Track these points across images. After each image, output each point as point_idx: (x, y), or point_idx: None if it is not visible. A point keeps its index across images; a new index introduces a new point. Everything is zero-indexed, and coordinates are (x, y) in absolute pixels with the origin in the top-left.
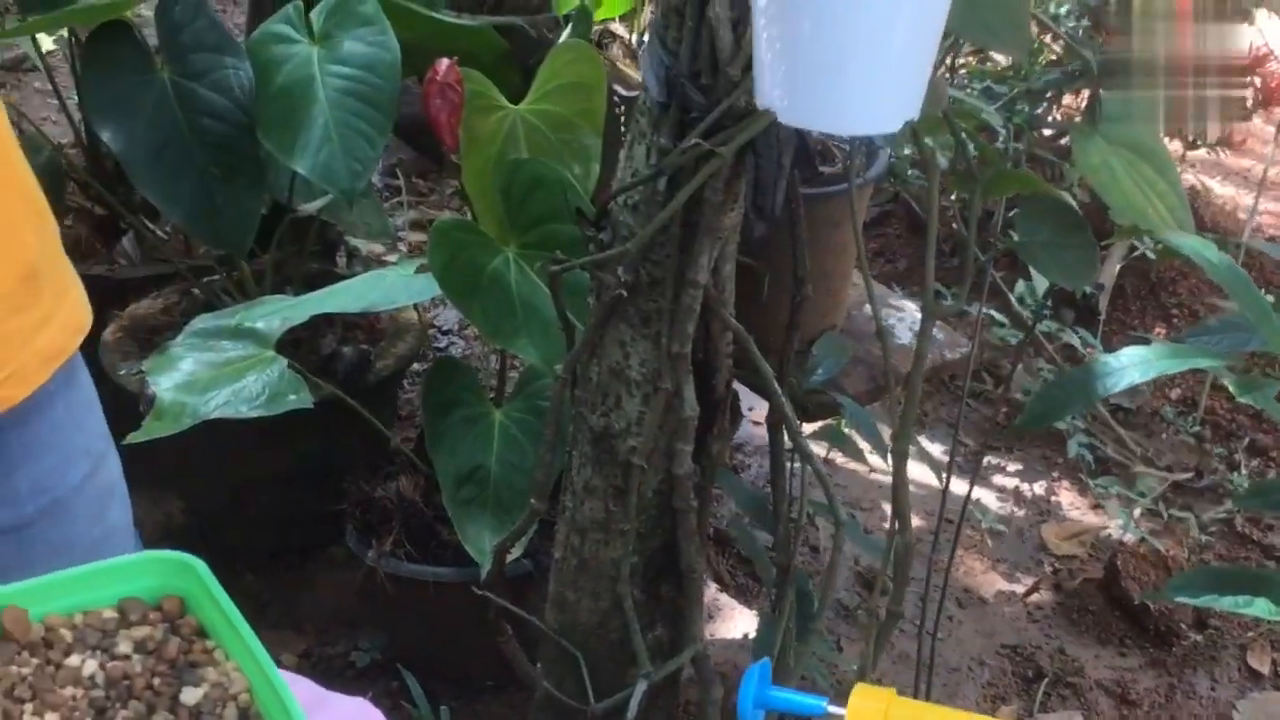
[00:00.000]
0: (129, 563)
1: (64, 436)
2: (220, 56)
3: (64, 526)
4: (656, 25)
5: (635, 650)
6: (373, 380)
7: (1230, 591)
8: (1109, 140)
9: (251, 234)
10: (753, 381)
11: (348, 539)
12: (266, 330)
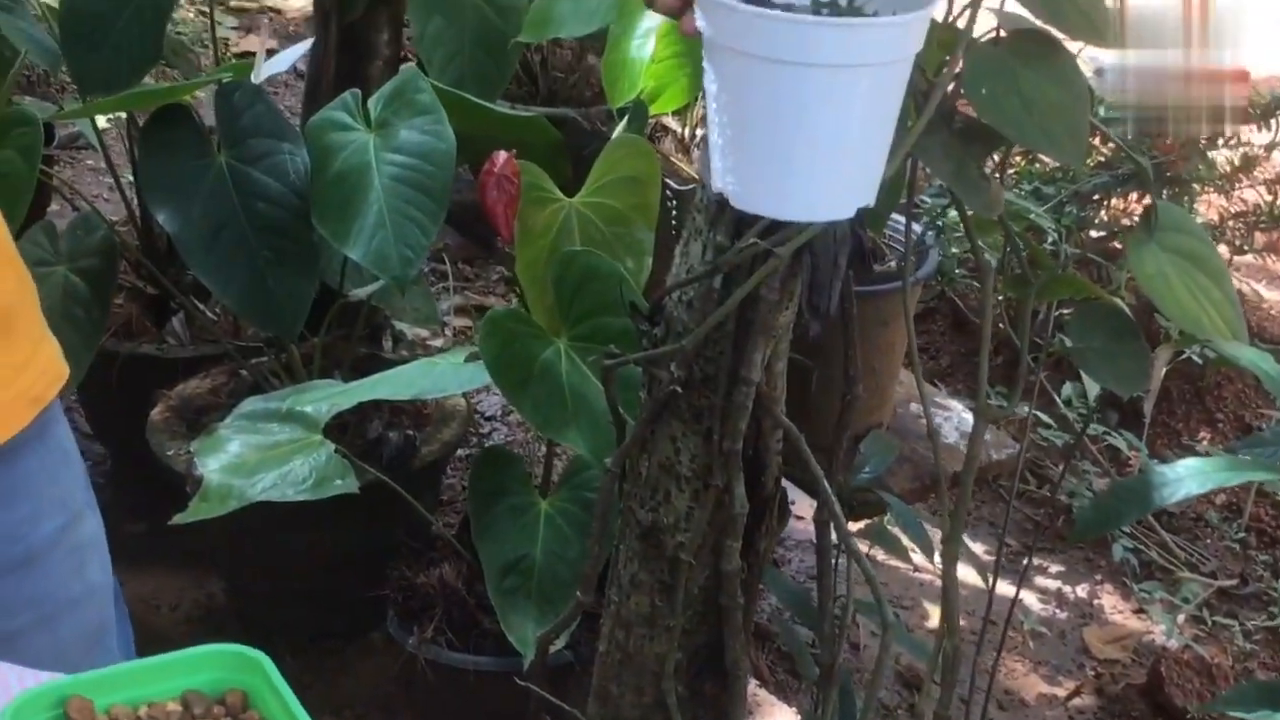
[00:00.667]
0: (193, 655)
1: (36, 487)
2: (277, 142)
3: (39, 579)
4: None
5: None
6: (417, 465)
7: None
8: (1163, 248)
9: (302, 318)
10: (800, 478)
11: (389, 625)
12: (315, 414)
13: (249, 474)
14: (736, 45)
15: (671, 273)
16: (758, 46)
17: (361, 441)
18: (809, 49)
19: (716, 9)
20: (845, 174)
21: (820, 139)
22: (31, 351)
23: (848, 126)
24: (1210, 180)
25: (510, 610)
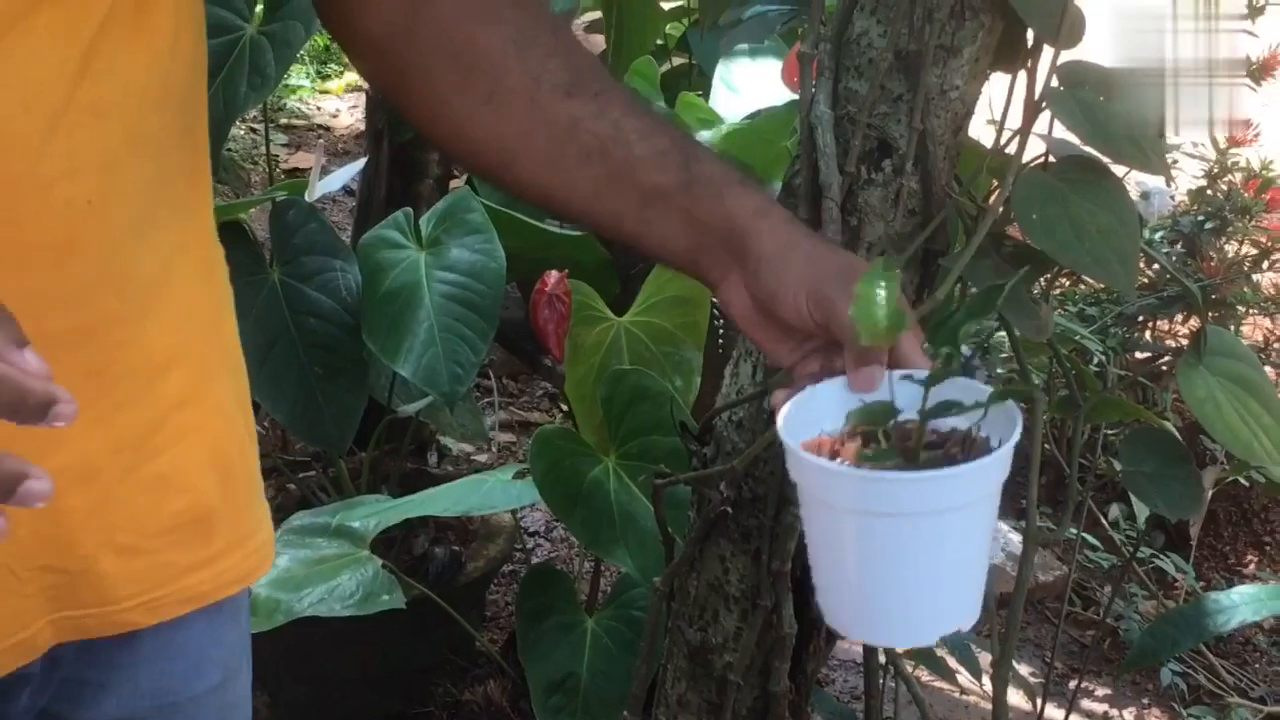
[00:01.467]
0: None
1: (198, 647)
2: (329, 259)
3: (198, 708)
4: None
5: None
6: (463, 581)
7: None
8: (1213, 372)
9: (351, 433)
10: None
11: None
12: (362, 530)
13: (296, 588)
14: (826, 498)
15: (721, 392)
16: (847, 500)
17: (408, 557)
18: (898, 502)
19: (806, 468)
20: (945, 601)
21: (915, 578)
22: (222, 551)
23: (940, 562)
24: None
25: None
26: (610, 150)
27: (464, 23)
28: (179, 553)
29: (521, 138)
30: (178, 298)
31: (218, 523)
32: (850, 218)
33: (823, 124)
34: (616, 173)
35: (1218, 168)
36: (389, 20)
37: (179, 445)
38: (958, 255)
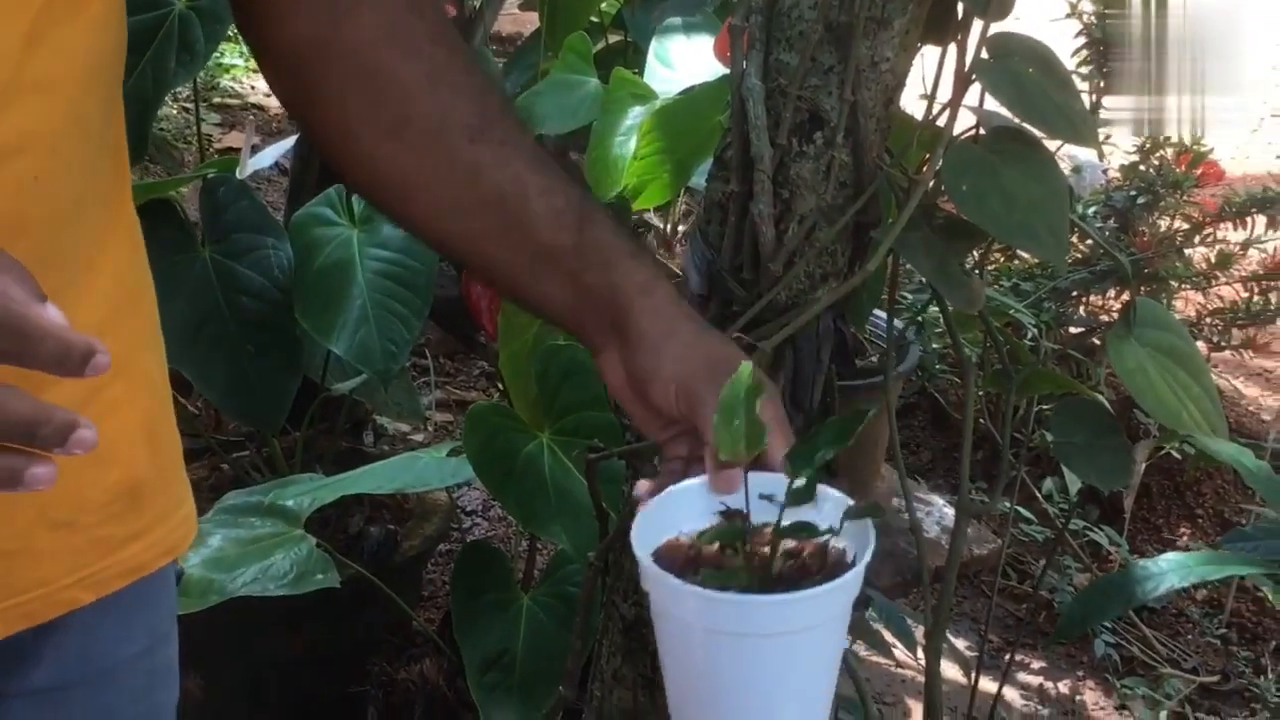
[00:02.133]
0: None
1: (125, 615)
2: (261, 236)
3: (107, 696)
4: (699, 220)
5: None
6: (398, 560)
7: None
8: (1143, 344)
9: (284, 411)
10: None
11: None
12: (296, 509)
13: (230, 568)
14: (675, 613)
15: None
16: (695, 617)
17: (343, 536)
18: (747, 622)
19: (655, 582)
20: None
21: (764, 695)
22: (153, 524)
23: (789, 682)
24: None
25: (492, 706)
26: (508, 202)
27: (383, 48)
28: (114, 526)
29: (422, 176)
30: (109, 273)
31: (149, 494)
32: (782, 190)
33: (754, 96)
34: (511, 225)
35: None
36: (308, 34)
37: (111, 417)
38: (889, 227)
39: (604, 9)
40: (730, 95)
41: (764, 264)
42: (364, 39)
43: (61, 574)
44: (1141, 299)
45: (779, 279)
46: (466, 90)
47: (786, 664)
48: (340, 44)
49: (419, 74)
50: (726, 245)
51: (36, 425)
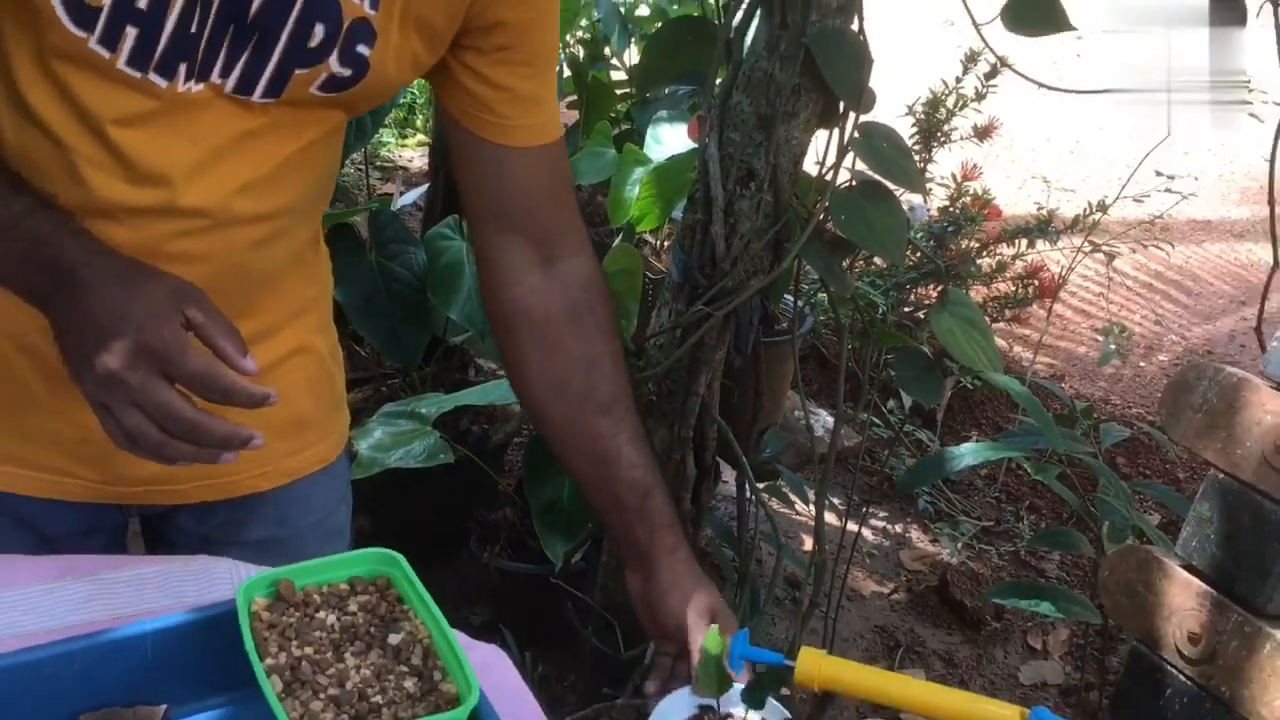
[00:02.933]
0: (356, 555)
1: (305, 497)
2: (406, 246)
3: (291, 547)
4: (678, 236)
5: None
6: (489, 447)
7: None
8: (951, 315)
9: (420, 354)
10: (727, 455)
11: (471, 545)
12: (427, 414)
13: (385, 450)
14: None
15: (650, 327)
16: None
17: (455, 432)
18: None
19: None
20: None
21: None
22: (313, 441)
23: None
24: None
25: (547, 536)
26: (607, 465)
27: (563, 328)
28: (282, 443)
29: (560, 420)
30: (302, 284)
31: (310, 426)
32: (729, 218)
33: (713, 160)
34: (601, 478)
35: (956, 192)
36: (517, 300)
37: (287, 379)
38: (797, 241)
39: (619, 108)
40: (697, 160)
41: (718, 264)
42: (551, 318)
43: (248, 468)
44: (951, 289)
45: (727, 274)
46: (610, 375)
47: None
48: (534, 315)
49: (583, 355)
50: (695, 253)
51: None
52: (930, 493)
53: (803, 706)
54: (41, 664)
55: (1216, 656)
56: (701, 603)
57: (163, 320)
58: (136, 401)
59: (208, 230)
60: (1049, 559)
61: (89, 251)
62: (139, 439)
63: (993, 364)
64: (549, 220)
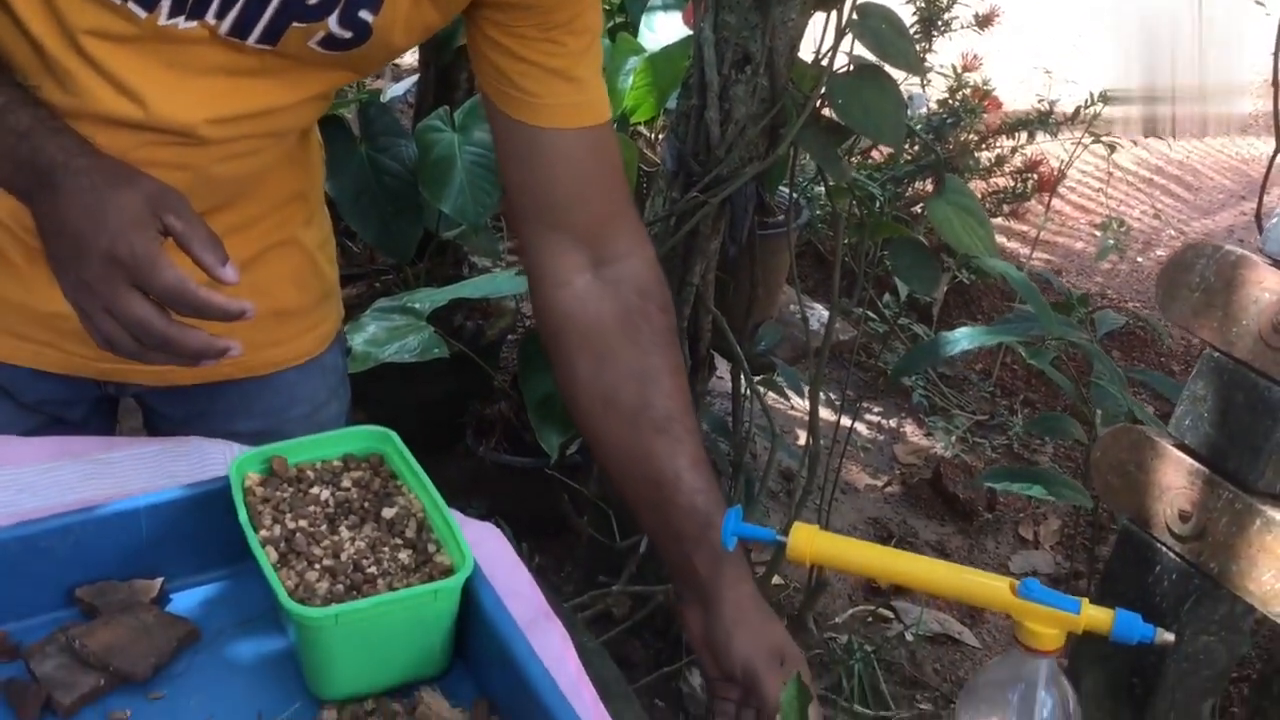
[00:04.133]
0: (348, 433)
1: (289, 389)
2: (397, 139)
3: (298, 425)
4: (672, 123)
5: None
6: (484, 343)
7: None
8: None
9: (413, 249)
10: (722, 348)
11: (467, 440)
12: (421, 309)
13: (380, 345)
14: None
15: (645, 217)
16: None
17: (450, 327)
18: None
19: None
20: None
21: None
22: (301, 333)
23: None
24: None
25: (543, 428)
26: (662, 488)
27: (613, 337)
28: (261, 335)
29: (611, 439)
30: (290, 178)
31: (292, 319)
32: (725, 103)
33: (708, 44)
34: (657, 503)
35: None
36: (564, 305)
37: (269, 268)
38: (792, 126)
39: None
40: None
41: (713, 151)
42: (602, 326)
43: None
44: (949, 175)
45: (722, 160)
46: (668, 391)
47: None
48: (583, 322)
49: (637, 368)
50: (689, 139)
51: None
52: (924, 387)
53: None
54: (36, 538)
55: (1206, 533)
56: (770, 642)
57: (137, 231)
58: (109, 310)
59: (184, 145)
60: (1042, 451)
61: (68, 151)
62: (115, 345)
63: (989, 251)
64: (597, 215)
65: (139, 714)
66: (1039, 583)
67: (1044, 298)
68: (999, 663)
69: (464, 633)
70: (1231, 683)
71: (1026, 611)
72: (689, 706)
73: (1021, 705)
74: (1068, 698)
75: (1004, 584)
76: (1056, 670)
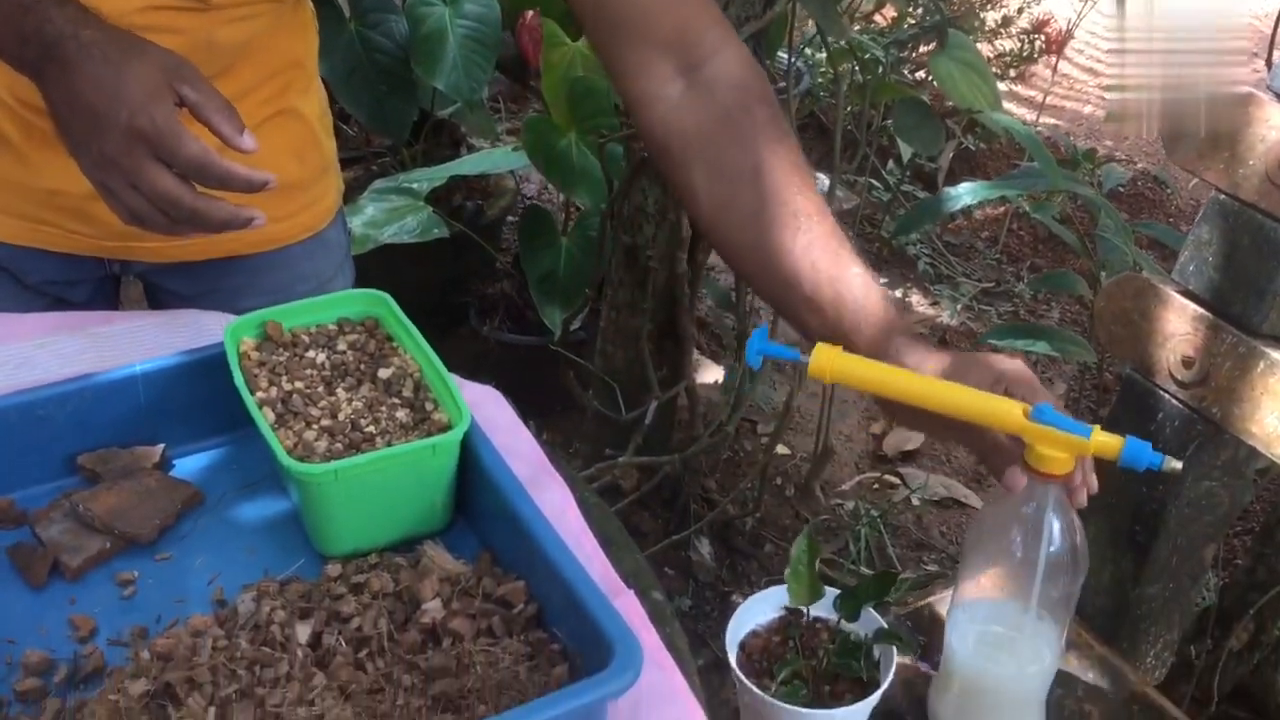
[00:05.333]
0: (344, 296)
1: (295, 265)
2: (387, 15)
3: None
4: None
5: (649, 382)
6: (484, 223)
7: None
8: (951, 59)
9: (407, 129)
10: None
11: (471, 319)
12: (419, 190)
13: (379, 227)
14: (754, 705)
15: None
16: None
17: (450, 208)
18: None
19: (742, 689)
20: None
21: None
22: (302, 208)
23: None
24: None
25: (545, 305)
26: (798, 285)
27: (718, 138)
28: (267, 209)
29: (736, 244)
30: (286, 51)
31: (294, 192)
32: None
33: None
34: (798, 302)
35: None
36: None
37: (271, 140)
38: None
39: None
40: None
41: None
42: (704, 132)
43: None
44: (952, 31)
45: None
46: (782, 183)
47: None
48: (686, 134)
49: (747, 166)
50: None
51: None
52: (929, 255)
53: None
54: (33, 406)
55: (1209, 379)
56: (993, 371)
57: (155, 103)
58: (134, 185)
59: (187, 10)
60: (1048, 317)
61: (75, 22)
62: (144, 219)
63: (993, 105)
64: (677, 16)
65: (146, 575)
66: (1052, 407)
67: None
68: (1007, 497)
69: (465, 489)
70: (1235, 535)
71: (1038, 435)
72: (698, 574)
73: (1030, 528)
74: (1074, 523)
75: (1017, 407)
76: (1064, 496)
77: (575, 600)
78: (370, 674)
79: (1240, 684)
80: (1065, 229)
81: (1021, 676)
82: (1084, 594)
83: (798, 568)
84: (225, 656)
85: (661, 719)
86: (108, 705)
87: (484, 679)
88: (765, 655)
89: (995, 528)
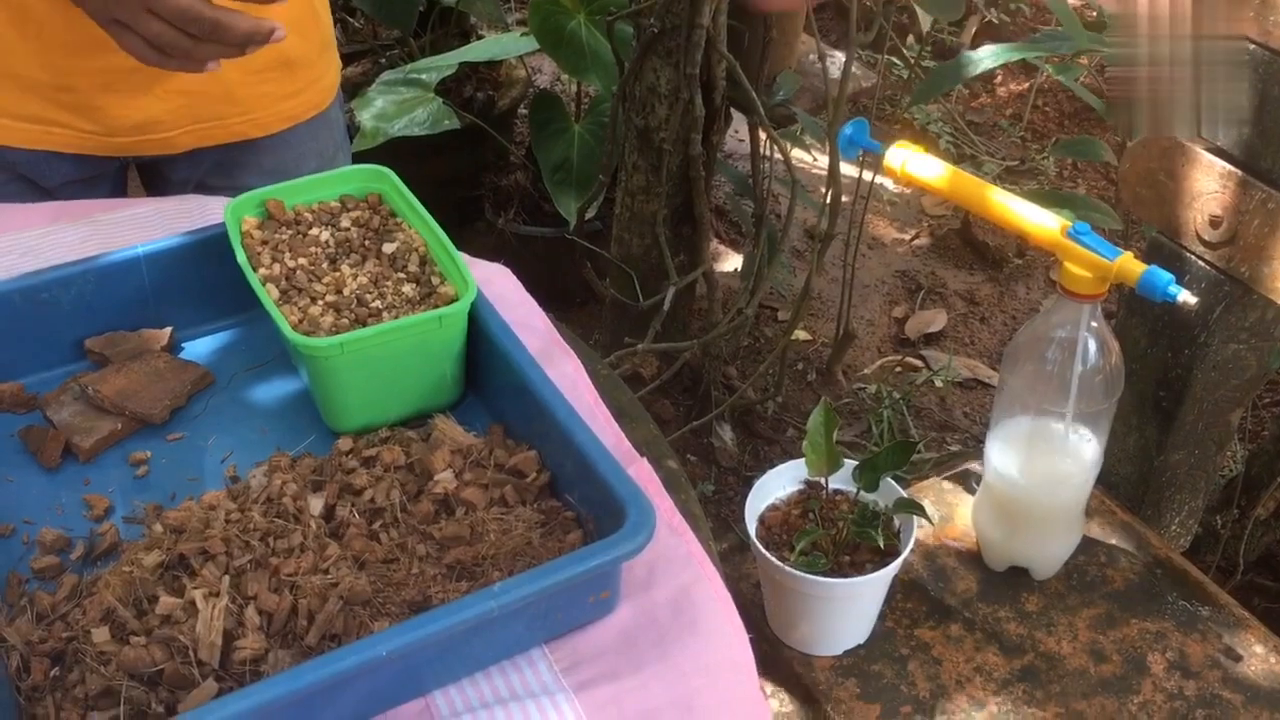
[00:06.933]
0: (346, 172)
1: (300, 144)
2: None
3: None
4: None
5: (667, 269)
6: (495, 114)
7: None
8: None
9: (414, 18)
10: (738, 100)
11: (486, 213)
12: (429, 80)
13: (389, 120)
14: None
15: None
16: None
17: (460, 99)
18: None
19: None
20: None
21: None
22: (303, 86)
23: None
24: None
25: (559, 194)
26: None
27: None
28: (271, 87)
29: None
30: None
31: (298, 68)
32: None
33: None
34: None
35: None
36: None
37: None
38: None
39: None
40: None
41: None
42: None
43: (238, 113)
44: None
45: None
46: None
47: (845, 609)
48: None
49: None
50: None
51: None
52: (952, 134)
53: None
54: (37, 290)
55: (1238, 237)
56: None
57: None
58: (151, 8)
59: None
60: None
61: None
62: (166, 45)
63: None
64: None
65: (159, 455)
66: (1091, 228)
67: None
68: (1043, 315)
69: (475, 366)
70: (1263, 405)
71: (1069, 252)
72: (720, 460)
73: (1065, 347)
74: (1110, 344)
75: (1059, 223)
76: (1100, 317)
77: (587, 466)
78: (384, 544)
79: (1266, 552)
80: (1089, 92)
81: (1059, 488)
82: (1108, 461)
83: (815, 439)
84: (239, 528)
85: (677, 583)
86: (122, 577)
87: (498, 546)
88: (785, 528)
89: (1032, 347)
